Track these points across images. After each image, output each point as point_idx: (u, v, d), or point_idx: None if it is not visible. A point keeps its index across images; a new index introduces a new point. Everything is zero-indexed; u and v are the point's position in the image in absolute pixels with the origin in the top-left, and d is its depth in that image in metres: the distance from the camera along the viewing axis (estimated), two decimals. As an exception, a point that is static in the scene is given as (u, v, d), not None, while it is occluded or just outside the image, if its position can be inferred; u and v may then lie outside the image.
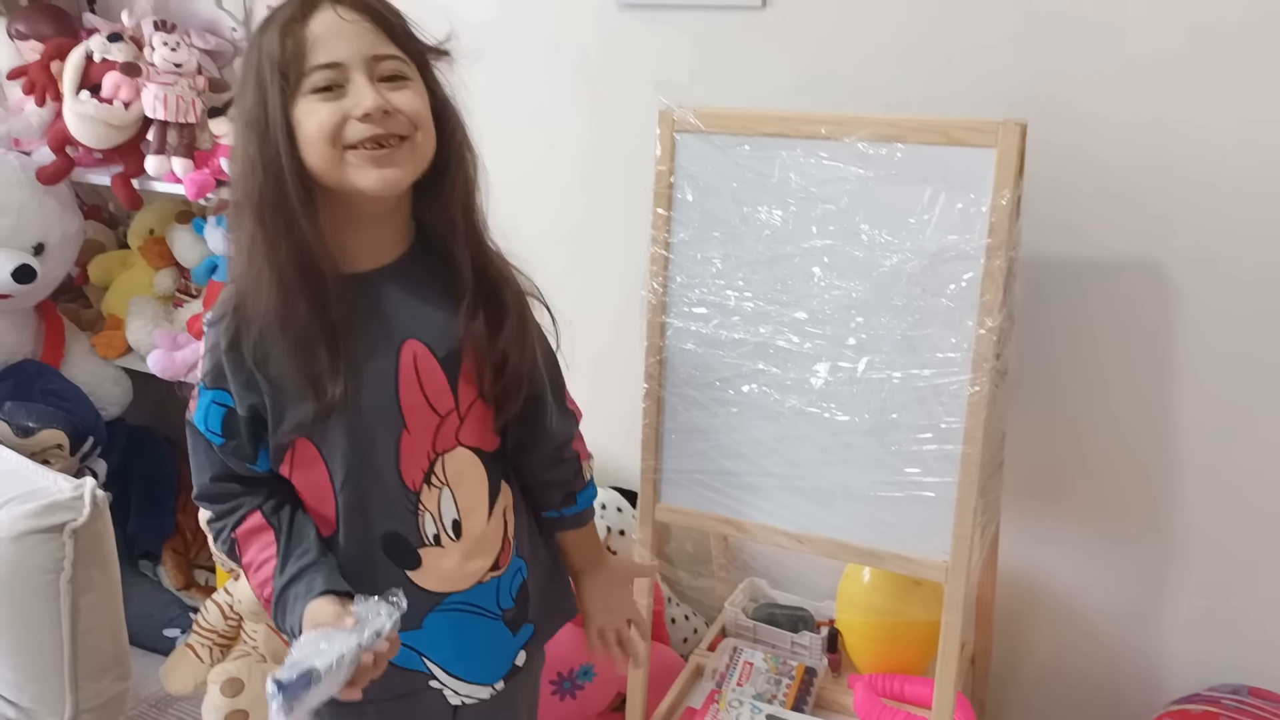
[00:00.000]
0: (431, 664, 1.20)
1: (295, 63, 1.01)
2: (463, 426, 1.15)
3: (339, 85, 1.02)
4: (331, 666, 0.96)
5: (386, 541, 1.15)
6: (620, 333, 1.86)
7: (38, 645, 1.59)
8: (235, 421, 1.10)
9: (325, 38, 1.02)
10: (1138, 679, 1.80)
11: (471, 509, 1.18)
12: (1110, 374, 1.68)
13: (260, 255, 1.03)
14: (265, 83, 1.02)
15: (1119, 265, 1.61)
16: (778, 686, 1.74)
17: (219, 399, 1.10)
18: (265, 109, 1.02)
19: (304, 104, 1.02)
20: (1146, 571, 1.75)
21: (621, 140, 1.92)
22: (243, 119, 1.04)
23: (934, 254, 1.40)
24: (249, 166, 1.03)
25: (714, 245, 1.53)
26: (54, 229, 2.24)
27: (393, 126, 1.03)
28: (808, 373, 1.49)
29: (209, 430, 1.11)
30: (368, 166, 1.03)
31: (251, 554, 1.14)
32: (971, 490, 1.41)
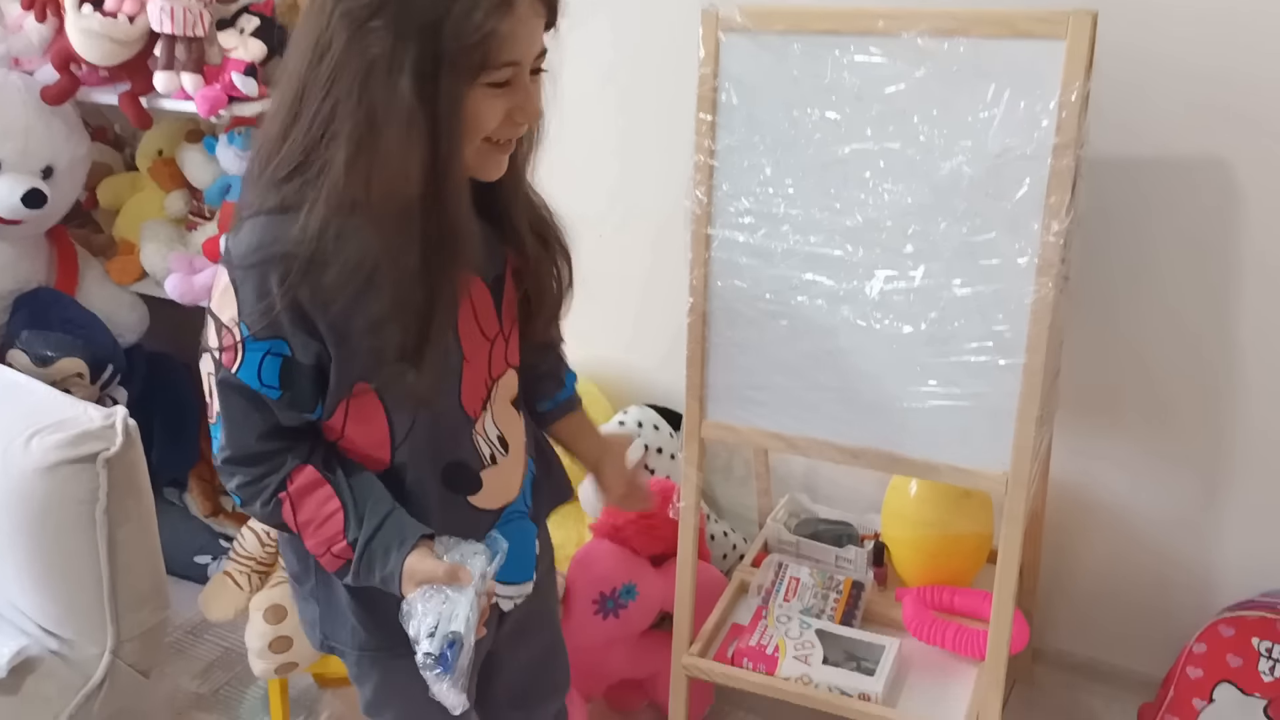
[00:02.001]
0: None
1: (495, 51, 0.94)
2: (508, 348, 1.16)
3: (509, 82, 0.98)
4: (468, 622, 0.98)
5: (448, 472, 1.12)
6: (659, 246, 1.81)
7: (77, 577, 1.56)
8: (294, 370, 1.01)
9: (518, 33, 0.95)
10: (1189, 587, 1.78)
11: (509, 421, 1.18)
12: (1172, 279, 1.63)
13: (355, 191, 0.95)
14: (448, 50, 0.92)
15: (1184, 165, 1.55)
16: (825, 601, 1.72)
17: (275, 349, 1.00)
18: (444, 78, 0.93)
19: (477, 93, 0.96)
20: (1200, 478, 1.72)
21: (660, 43, 1.83)
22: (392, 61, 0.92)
23: (997, 155, 1.34)
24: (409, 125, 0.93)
25: (762, 151, 1.46)
26: (62, 151, 2.17)
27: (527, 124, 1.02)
28: (862, 283, 1.44)
29: (265, 385, 1.01)
30: (497, 156, 1.02)
31: (309, 510, 1.05)
32: (1033, 401, 1.37)
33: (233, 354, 1.00)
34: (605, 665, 1.82)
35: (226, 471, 1.07)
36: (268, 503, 1.06)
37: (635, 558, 1.82)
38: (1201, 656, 1.64)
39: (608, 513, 1.82)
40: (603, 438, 1.36)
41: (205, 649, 2.12)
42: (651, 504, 1.39)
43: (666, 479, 1.87)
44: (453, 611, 0.98)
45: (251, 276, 0.98)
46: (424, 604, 0.99)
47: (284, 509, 1.05)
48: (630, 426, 1.97)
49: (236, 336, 0.99)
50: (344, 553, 1.05)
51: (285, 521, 1.06)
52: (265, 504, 1.06)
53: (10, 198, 2.05)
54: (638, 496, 1.36)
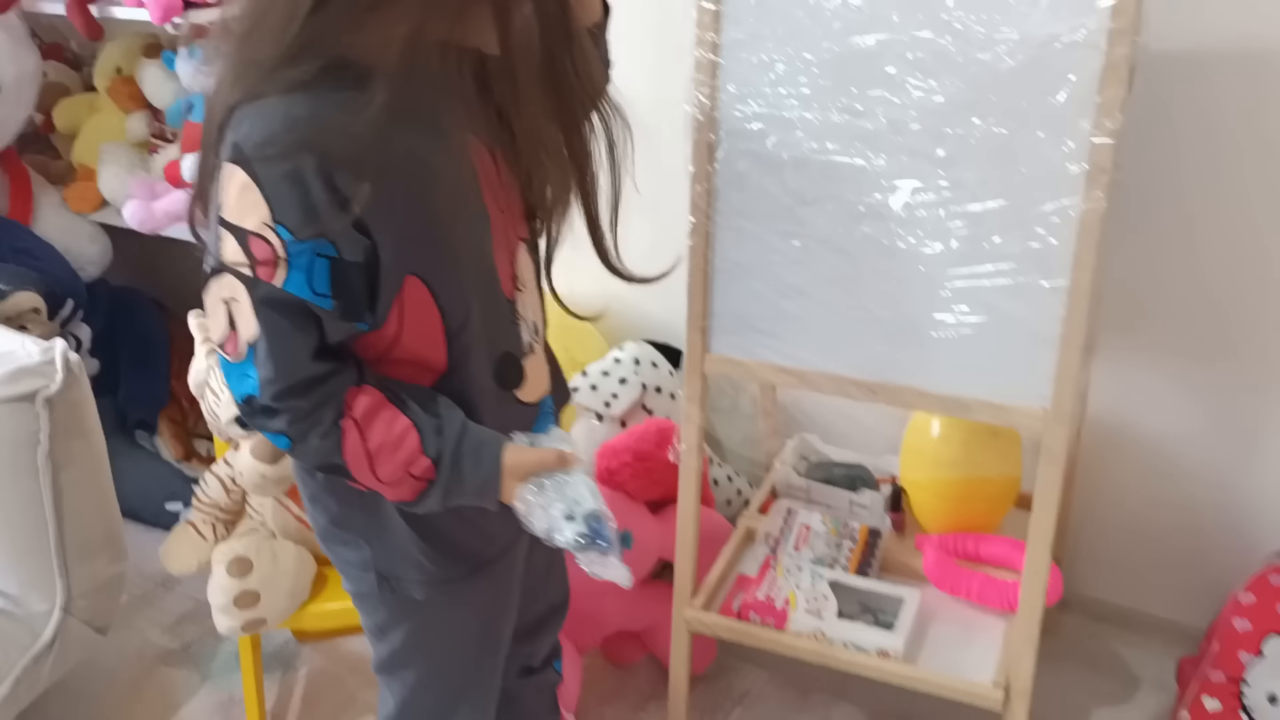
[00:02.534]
0: None
1: None
2: (517, 222, 1.04)
3: None
4: (598, 496, 0.96)
5: (499, 366, 1.02)
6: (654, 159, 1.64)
7: (19, 525, 1.44)
8: (345, 272, 0.87)
9: None
10: (1234, 531, 1.65)
11: (537, 306, 1.09)
12: (1236, 189, 1.48)
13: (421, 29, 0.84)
14: None
15: (1252, 57, 1.38)
16: (839, 550, 1.59)
17: (321, 249, 0.86)
18: None
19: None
20: (1249, 413, 1.58)
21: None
22: None
23: (1042, 43, 1.17)
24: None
25: (772, 45, 1.29)
26: (6, 67, 2.01)
27: None
28: (884, 195, 1.28)
29: (316, 294, 0.87)
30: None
31: (380, 433, 0.92)
32: (1078, 328, 1.22)
33: (272, 265, 0.85)
34: (600, 616, 1.70)
35: (270, 410, 0.91)
36: (327, 434, 0.91)
37: (631, 503, 1.68)
38: (1250, 607, 1.50)
39: (601, 455, 1.68)
40: None
41: (175, 601, 2.00)
42: None
43: (666, 419, 1.73)
44: (577, 493, 0.95)
45: (278, 167, 0.84)
46: (544, 496, 0.95)
47: (348, 439, 0.91)
48: (627, 364, 1.83)
49: (275, 241, 0.84)
50: (427, 472, 0.93)
51: (350, 454, 0.92)
52: (325, 437, 0.91)
53: (-48, 117, 1.89)
54: None
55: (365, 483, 0.95)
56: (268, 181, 0.84)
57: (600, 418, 1.83)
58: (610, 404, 1.81)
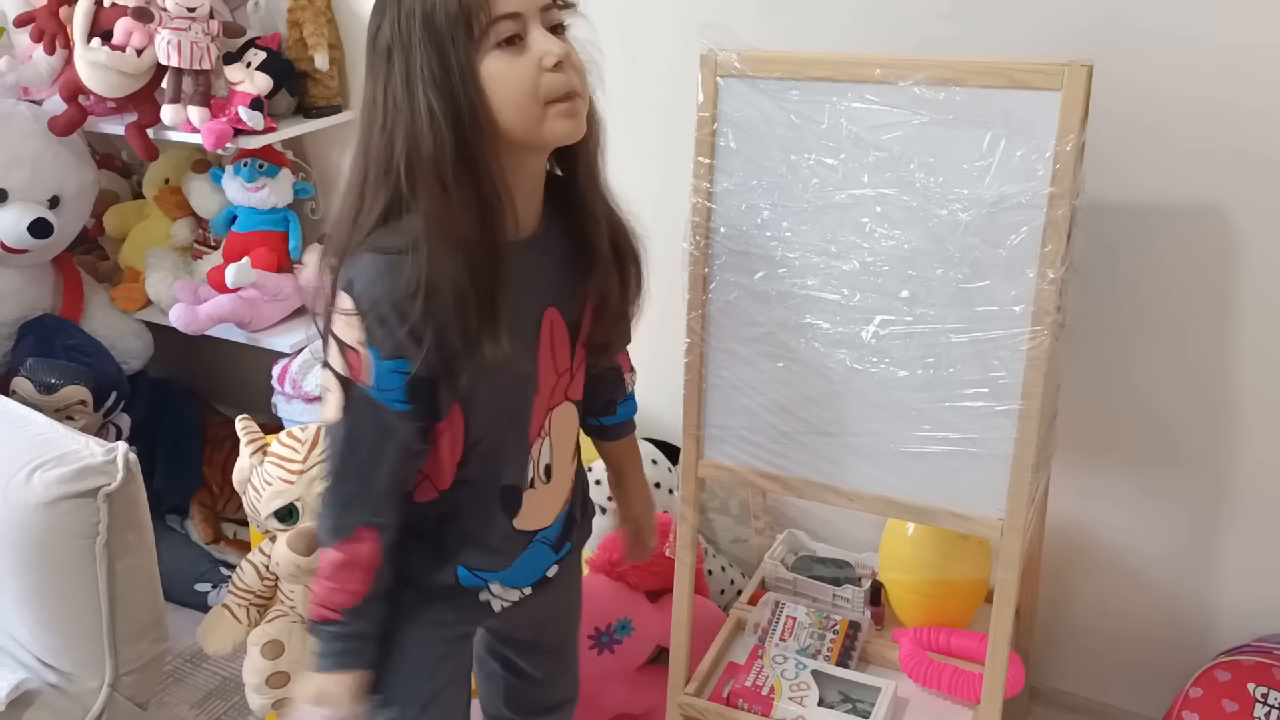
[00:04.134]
0: (493, 584, 1.25)
1: (478, 13, 0.99)
2: (572, 383, 1.23)
3: (520, 37, 1.02)
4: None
5: (503, 494, 1.20)
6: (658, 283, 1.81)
7: (76, 610, 1.57)
8: (418, 385, 1.06)
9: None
10: (1188, 629, 1.77)
11: (562, 455, 1.25)
12: (1172, 321, 1.64)
13: (442, 215, 1.01)
14: (444, 35, 0.99)
15: (1179, 208, 1.56)
16: (822, 641, 1.72)
17: (399, 367, 1.05)
18: (447, 64, 0.99)
19: (492, 58, 1.01)
20: (1199, 521, 1.72)
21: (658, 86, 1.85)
22: (407, 75, 1.00)
23: (993, 203, 1.34)
24: (430, 124, 1.00)
25: (759, 194, 1.47)
26: (69, 181, 2.19)
27: (572, 78, 1.04)
28: (859, 326, 1.44)
29: (392, 399, 1.06)
30: (562, 118, 1.04)
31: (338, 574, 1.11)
32: (1029, 447, 1.37)
33: (360, 370, 1.05)
34: (601, 699, 1.82)
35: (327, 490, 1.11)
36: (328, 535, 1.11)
37: (632, 593, 1.82)
38: (1198, 701, 1.63)
39: (604, 547, 1.82)
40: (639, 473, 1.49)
41: (204, 678, 2.13)
42: (647, 556, 1.49)
43: (665, 514, 1.87)
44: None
45: (375, 315, 1.03)
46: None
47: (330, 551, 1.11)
48: (629, 461, 1.97)
49: (365, 356, 1.04)
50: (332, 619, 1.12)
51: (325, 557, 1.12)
52: (328, 533, 1.11)
53: (17, 227, 2.07)
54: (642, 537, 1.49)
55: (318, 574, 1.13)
56: (366, 315, 1.03)
57: (603, 510, 1.97)
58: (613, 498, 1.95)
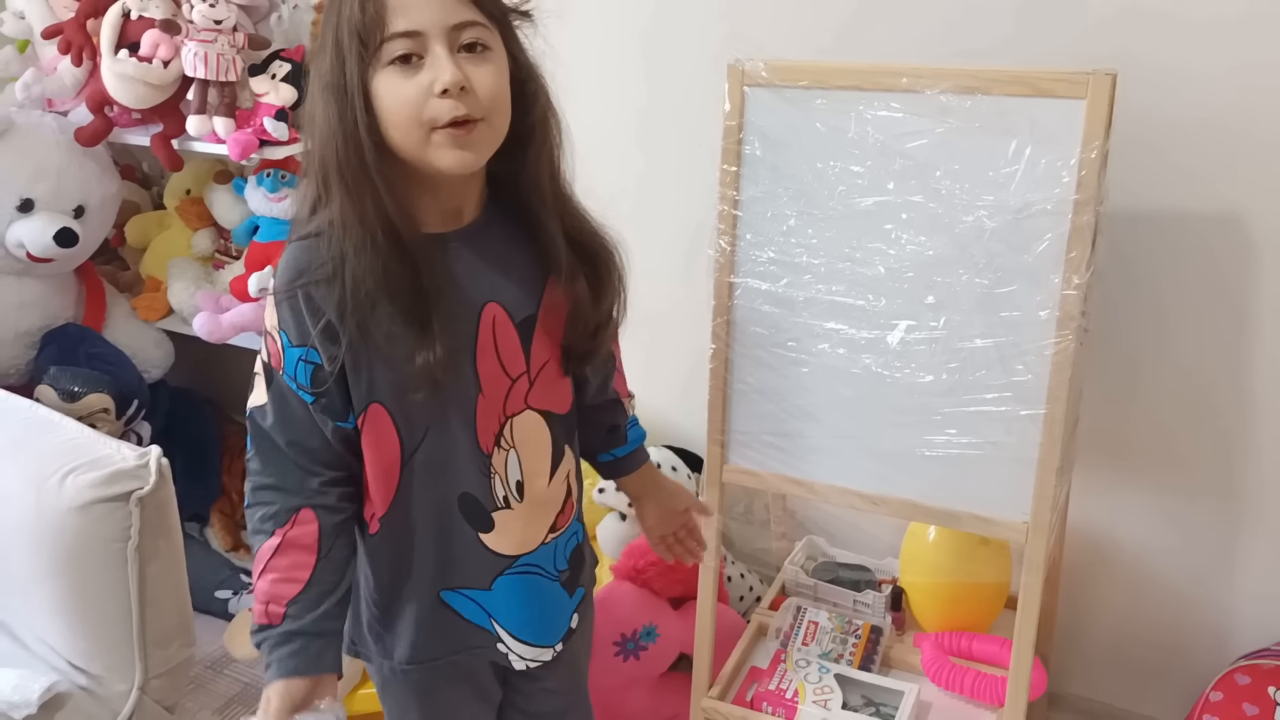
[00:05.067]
0: (499, 627, 1.21)
1: (374, 29, 0.98)
2: (532, 389, 1.15)
3: (418, 56, 0.99)
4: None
5: (462, 503, 1.15)
6: (677, 292, 1.83)
7: (107, 614, 1.58)
8: (324, 376, 1.06)
9: (406, 4, 0.98)
10: (1207, 634, 1.79)
11: (534, 471, 1.18)
12: (1190, 330, 1.65)
13: (347, 219, 1.01)
14: (343, 47, 0.99)
15: (1199, 220, 1.58)
16: (844, 645, 1.73)
17: (308, 356, 1.06)
18: (344, 75, 0.99)
19: (384, 76, 0.99)
20: (1219, 526, 1.73)
21: (688, 95, 1.88)
22: (320, 81, 1.02)
23: (1017, 210, 1.36)
24: (329, 132, 1.01)
25: (785, 202, 1.49)
26: (94, 191, 2.21)
27: (470, 105, 1.00)
28: (883, 332, 1.46)
29: (300, 387, 1.06)
30: (448, 147, 1.01)
31: (279, 562, 1.07)
32: (1054, 451, 1.39)
33: (277, 356, 1.07)
34: (625, 706, 1.83)
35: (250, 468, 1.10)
36: (265, 521, 1.07)
37: (655, 599, 1.83)
38: (1218, 705, 1.64)
39: (628, 554, 1.84)
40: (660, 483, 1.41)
41: (226, 684, 2.14)
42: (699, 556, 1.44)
43: (686, 521, 1.88)
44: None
45: (286, 296, 1.04)
46: None
47: (267, 540, 1.07)
48: (650, 468, 1.99)
49: (278, 342, 1.06)
50: (275, 617, 1.06)
51: (260, 548, 1.08)
52: (263, 520, 1.08)
53: (42, 236, 2.09)
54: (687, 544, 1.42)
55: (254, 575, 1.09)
56: (279, 305, 1.05)
57: (624, 517, 1.98)
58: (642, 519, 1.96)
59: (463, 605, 1.19)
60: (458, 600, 1.19)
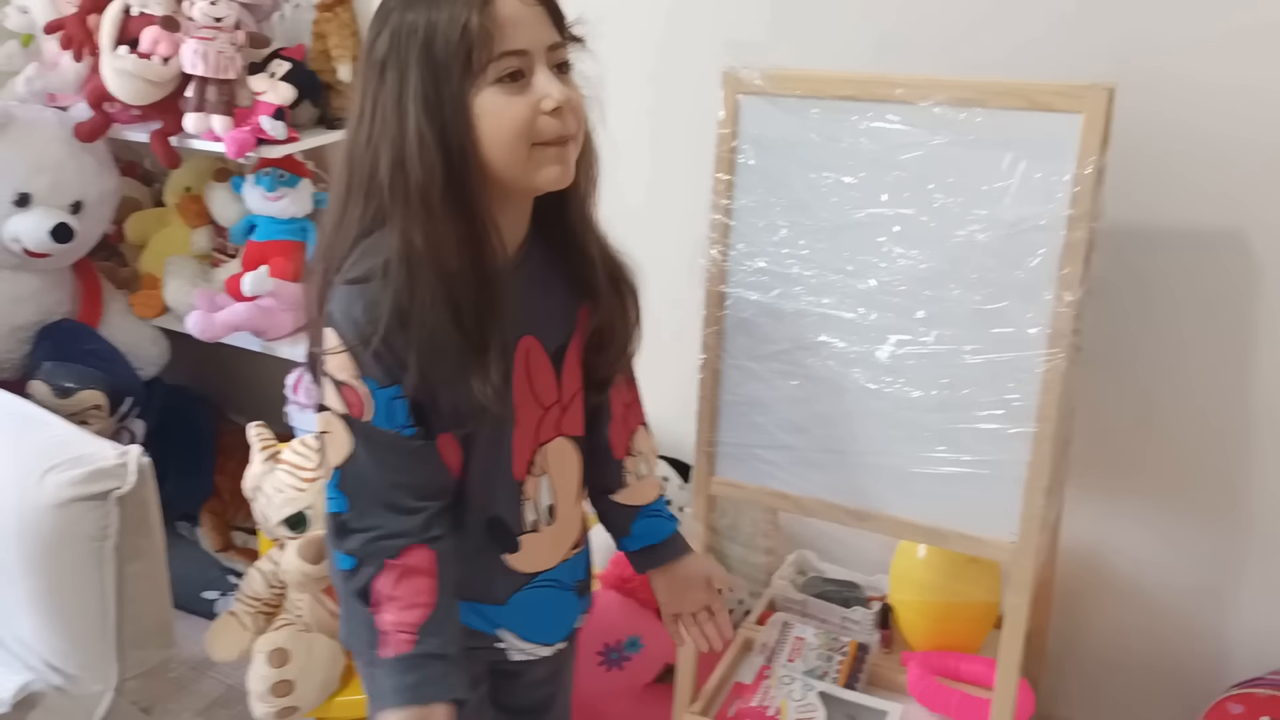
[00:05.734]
0: (504, 631, 1.21)
1: (482, 47, 0.96)
2: (564, 417, 1.17)
3: (523, 74, 0.99)
4: None
5: (491, 525, 1.16)
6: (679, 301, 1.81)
7: (83, 613, 1.57)
8: (416, 409, 1.04)
9: (513, 22, 0.98)
10: (1204, 660, 1.75)
11: (565, 493, 1.20)
12: (1187, 347, 1.63)
13: (426, 242, 0.98)
14: (440, 63, 0.96)
15: (1200, 235, 1.55)
16: (830, 663, 1.71)
17: (396, 394, 1.03)
18: (444, 92, 0.97)
19: (489, 94, 0.98)
20: (1217, 551, 1.70)
21: (681, 103, 1.86)
22: (401, 94, 0.97)
23: (1011, 224, 1.34)
24: (419, 150, 0.97)
25: (778, 212, 1.47)
26: (92, 187, 2.21)
27: (569, 123, 1.01)
28: (874, 346, 1.44)
29: (399, 426, 1.03)
30: (551, 163, 1.01)
31: (401, 590, 1.04)
32: (1043, 470, 1.37)
33: (360, 406, 1.03)
34: (608, 716, 1.81)
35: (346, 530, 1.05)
36: (372, 559, 1.04)
37: (642, 610, 1.81)
38: (1211, 734, 1.61)
39: (615, 563, 1.81)
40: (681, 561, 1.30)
41: (209, 685, 2.13)
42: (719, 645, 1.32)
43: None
44: None
45: (363, 346, 1.00)
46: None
47: (383, 576, 1.04)
48: (640, 478, 1.97)
49: (362, 390, 1.02)
50: (406, 644, 1.04)
51: (374, 587, 1.04)
52: (369, 560, 1.04)
53: (39, 231, 2.09)
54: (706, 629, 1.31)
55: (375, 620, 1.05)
56: (355, 350, 1.01)
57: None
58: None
59: (468, 616, 1.17)
60: (465, 610, 1.16)
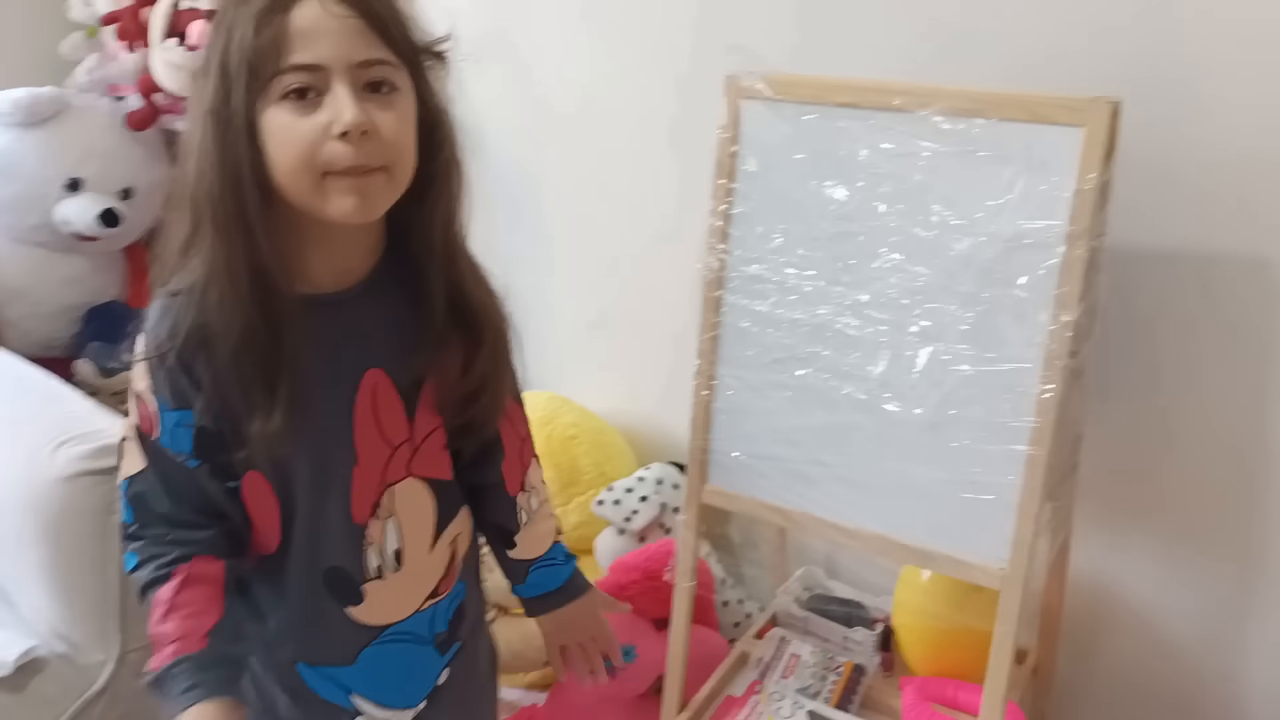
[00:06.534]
0: (358, 698, 1.13)
1: (269, 58, 0.88)
2: (415, 457, 1.07)
3: (317, 92, 0.89)
4: None
5: (329, 576, 1.06)
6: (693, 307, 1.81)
7: (89, 584, 1.61)
8: (207, 438, 0.98)
9: (307, 33, 0.88)
10: (1216, 703, 1.67)
11: (415, 539, 1.09)
12: (1207, 378, 1.55)
13: (216, 265, 0.92)
14: (231, 73, 0.88)
15: (1218, 259, 1.48)
16: (823, 682, 1.67)
17: (184, 420, 0.97)
18: (229, 103, 0.89)
19: (275, 111, 0.89)
20: (1232, 589, 1.62)
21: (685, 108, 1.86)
22: (200, 106, 0.91)
23: (1010, 239, 1.30)
24: (207, 164, 0.91)
25: (775, 219, 1.45)
26: (142, 175, 2.29)
27: (371, 151, 0.91)
28: (867, 360, 1.41)
29: (184, 454, 0.98)
30: (342, 194, 0.91)
31: (186, 597, 0.99)
32: (1035, 495, 1.32)
33: (150, 421, 0.98)
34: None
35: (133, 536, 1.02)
36: (159, 569, 0.99)
37: (638, 620, 1.79)
38: (1220, 783, 1.53)
39: (614, 570, 1.81)
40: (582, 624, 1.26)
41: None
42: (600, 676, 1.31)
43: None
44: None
45: (158, 358, 0.96)
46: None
47: (165, 585, 0.99)
48: (649, 483, 1.96)
49: (152, 406, 0.98)
50: (197, 645, 0.98)
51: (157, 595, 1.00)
52: (157, 570, 0.99)
53: (87, 215, 2.17)
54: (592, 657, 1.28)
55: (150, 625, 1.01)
56: (151, 362, 0.96)
57: (621, 531, 1.96)
58: (630, 519, 1.94)
59: (320, 685, 1.11)
60: (315, 678, 1.10)
